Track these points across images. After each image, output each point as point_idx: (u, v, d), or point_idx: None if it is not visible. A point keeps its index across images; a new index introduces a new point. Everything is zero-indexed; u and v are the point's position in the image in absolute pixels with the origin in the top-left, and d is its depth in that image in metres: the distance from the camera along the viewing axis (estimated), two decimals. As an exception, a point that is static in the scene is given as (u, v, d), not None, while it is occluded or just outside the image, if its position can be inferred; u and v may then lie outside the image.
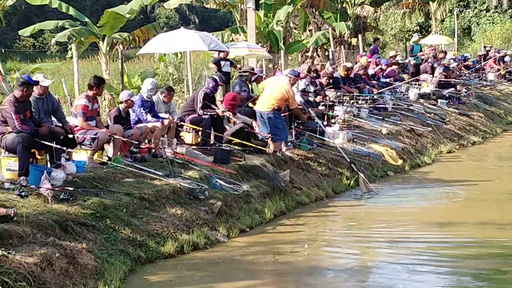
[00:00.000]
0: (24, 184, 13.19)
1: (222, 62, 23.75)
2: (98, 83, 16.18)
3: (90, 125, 15.92)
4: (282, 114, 19.68)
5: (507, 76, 43.82)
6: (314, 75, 25.30)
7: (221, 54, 24.02)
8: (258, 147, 19.17)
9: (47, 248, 11.37)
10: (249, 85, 21.92)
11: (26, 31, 33.21)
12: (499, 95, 38.93)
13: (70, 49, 27.97)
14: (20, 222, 11.71)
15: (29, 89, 14.11)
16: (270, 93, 19.29)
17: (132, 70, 35.09)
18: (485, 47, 48.43)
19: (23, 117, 13.88)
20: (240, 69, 24.85)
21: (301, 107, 21.35)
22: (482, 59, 44.43)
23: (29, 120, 14.08)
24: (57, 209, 12.79)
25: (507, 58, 45.51)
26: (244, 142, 19.00)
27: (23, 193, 12.88)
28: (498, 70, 43.41)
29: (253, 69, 22.75)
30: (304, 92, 22.78)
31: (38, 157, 14.33)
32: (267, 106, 19.26)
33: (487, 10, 62.45)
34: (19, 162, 13.66)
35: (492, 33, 59.56)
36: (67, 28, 31.16)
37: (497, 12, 61.63)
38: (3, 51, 32.37)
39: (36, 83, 14.40)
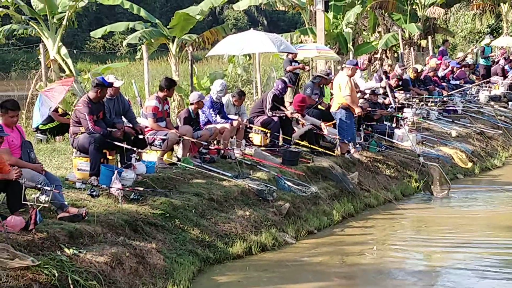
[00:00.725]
0: (95, 184, 13.36)
1: (293, 64, 23.76)
2: (169, 85, 16.29)
3: (160, 126, 16.03)
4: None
5: None
6: (384, 77, 25.17)
7: (290, 56, 24.03)
8: (325, 151, 19.14)
9: (117, 248, 11.50)
10: (321, 89, 21.77)
11: (97, 33, 33.44)
12: None
13: (140, 50, 28.17)
14: (91, 221, 11.86)
15: (103, 91, 14.26)
16: (336, 92, 19.33)
17: (201, 71, 35.23)
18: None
19: (96, 118, 14.03)
20: (308, 70, 24.85)
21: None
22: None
23: (102, 121, 14.22)
24: (127, 209, 12.94)
25: None
26: (311, 146, 18.99)
27: (94, 193, 13.08)
28: None
29: (328, 74, 22.59)
30: (373, 94, 22.71)
31: (109, 157, 14.43)
32: (335, 106, 19.28)
33: (563, 10, 61.48)
34: (91, 162, 13.78)
35: None
36: (137, 30, 31.32)
37: None
38: (74, 52, 32.69)
39: (111, 84, 14.55)
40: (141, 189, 13.56)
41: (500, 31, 55.67)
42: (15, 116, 12.19)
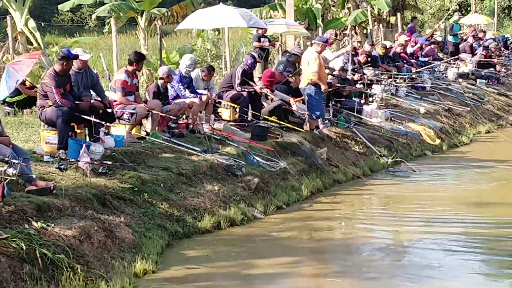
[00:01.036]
0: (63, 158, 13.33)
1: (262, 39, 23.76)
2: (138, 59, 16.25)
3: (129, 100, 16.01)
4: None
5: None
6: (353, 53, 25.24)
7: (260, 31, 24.01)
8: (294, 126, 19.16)
9: (85, 221, 11.51)
10: (295, 66, 21.67)
11: (65, 6, 33.42)
12: (540, 76, 38.64)
13: (109, 23, 28.10)
14: (59, 195, 11.86)
15: (69, 63, 14.21)
16: (304, 68, 19.33)
17: (170, 45, 35.14)
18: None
19: (63, 91, 13.99)
20: (279, 47, 24.88)
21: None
22: (522, 39, 44.20)
23: (69, 94, 14.18)
24: (95, 183, 12.93)
25: (546, 39, 45.29)
26: (280, 121, 19.02)
27: (62, 166, 13.06)
28: (539, 51, 43.14)
29: (302, 52, 22.58)
30: (342, 71, 22.74)
31: (77, 131, 14.41)
32: (304, 82, 19.29)
33: (528, -10, 61.91)
34: (59, 135, 13.75)
35: (534, 13, 59.08)
36: (106, 3, 31.29)
37: (538, -9, 61.06)
38: (42, 25, 32.50)
39: (76, 57, 14.49)
40: (110, 163, 13.54)
41: (469, 8, 55.92)
42: None
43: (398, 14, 41.57)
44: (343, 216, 15.26)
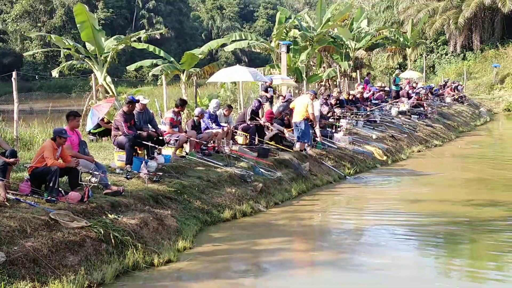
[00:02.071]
0: (129, 170, 13.48)
1: (269, 89, 23.84)
2: (182, 103, 16.53)
3: (174, 130, 16.10)
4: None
5: (459, 99, 43.53)
6: (327, 97, 25.27)
7: (267, 83, 24.10)
8: (287, 148, 19.16)
9: (144, 214, 11.55)
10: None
11: (131, 67, 33.77)
12: (454, 113, 38.59)
13: (161, 78, 28.19)
14: (126, 196, 11.92)
15: (133, 105, 14.33)
16: (300, 109, 19.29)
17: (202, 93, 35.13)
18: (444, 80, 48.13)
19: (129, 124, 14.06)
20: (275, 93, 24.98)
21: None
22: (442, 87, 44.23)
23: (133, 127, 14.25)
24: (151, 187, 12.96)
25: (459, 87, 45.35)
26: (277, 145, 19.02)
27: (128, 176, 13.12)
28: (453, 95, 43.15)
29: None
30: (319, 110, 22.77)
31: (139, 152, 14.47)
32: (299, 117, 19.25)
33: (446, 54, 61.91)
34: (126, 155, 13.86)
35: (449, 70, 59.04)
36: (159, 65, 31.44)
37: (453, 55, 61.09)
38: (115, 79, 32.73)
39: (138, 101, 14.62)
40: (161, 173, 13.64)
41: (406, 66, 55.97)
42: (79, 120, 12.75)
43: (358, 71, 41.72)
44: (320, 209, 15.29)
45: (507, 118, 46.34)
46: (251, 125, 18.91)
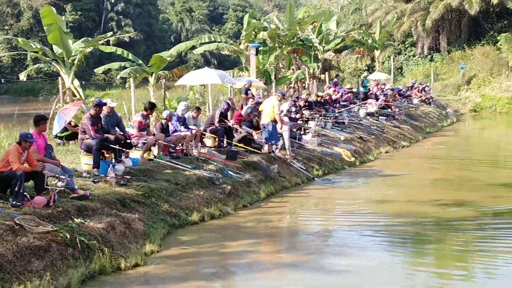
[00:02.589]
0: (96, 174, 13.41)
1: (248, 91, 23.95)
2: (151, 107, 16.52)
3: (142, 134, 16.04)
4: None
5: (426, 101, 43.90)
6: (296, 99, 25.35)
7: (247, 85, 24.30)
8: (255, 150, 19.18)
9: (111, 218, 11.50)
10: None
11: (99, 69, 33.66)
12: (421, 114, 38.93)
13: (129, 81, 28.09)
14: (93, 199, 11.85)
15: (100, 109, 14.24)
16: (268, 110, 19.30)
17: (171, 96, 34.97)
18: (412, 82, 48.55)
19: (96, 128, 13.99)
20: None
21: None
22: (409, 89, 44.57)
23: (101, 130, 14.16)
24: (118, 191, 12.88)
25: (426, 89, 45.73)
26: (246, 147, 19.01)
27: (95, 180, 13.04)
28: (420, 97, 43.50)
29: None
30: (288, 112, 22.83)
31: (106, 155, 14.35)
32: (267, 119, 19.26)
33: (413, 56, 62.40)
34: (93, 159, 13.79)
35: (417, 71, 59.51)
36: (127, 67, 31.30)
37: (420, 57, 61.61)
38: (83, 83, 32.50)
39: (105, 104, 14.55)
40: (128, 177, 13.60)
41: (374, 68, 56.34)
42: (46, 124, 12.68)
43: (326, 73, 41.87)
44: (288, 211, 15.31)
45: (473, 118, 46.89)
46: (220, 128, 18.87)
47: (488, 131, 39.68)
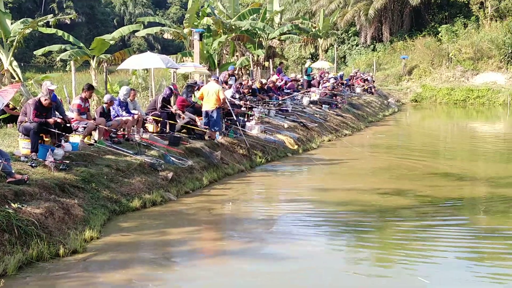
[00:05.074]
0: (34, 158, 13.11)
1: (230, 78, 23.95)
2: (88, 88, 16.01)
3: (82, 118, 15.74)
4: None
5: (368, 90, 44.42)
6: (239, 85, 25.25)
7: (230, 72, 24.31)
8: (201, 129, 19.17)
9: (49, 203, 11.23)
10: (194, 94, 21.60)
11: (39, 51, 32.88)
12: (363, 103, 39.38)
13: (70, 64, 27.57)
14: (31, 184, 11.57)
15: (51, 102, 13.93)
16: (211, 97, 19.17)
17: (113, 80, 34.49)
18: (354, 71, 49.01)
19: (38, 114, 13.61)
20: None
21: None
22: (352, 78, 44.99)
23: (42, 116, 13.78)
24: (57, 176, 12.60)
25: (368, 78, 46.30)
26: (191, 127, 18.91)
27: (33, 164, 12.78)
28: (363, 86, 44.00)
29: (196, 82, 22.67)
30: (232, 98, 22.74)
31: (45, 139, 14.04)
32: (211, 106, 19.15)
33: (357, 45, 63.15)
34: (31, 142, 13.45)
35: (359, 61, 60.28)
36: (68, 50, 30.76)
37: (363, 46, 62.34)
38: (22, 65, 31.83)
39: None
40: (68, 162, 13.31)
41: (318, 57, 56.68)
42: None
43: (270, 60, 41.89)
44: (231, 198, 15.19)
45: (414, 108, 47.71)
46: (162, 113, 18.66)
47: (428, 121, 40.43)
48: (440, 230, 12.40)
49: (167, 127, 18.67)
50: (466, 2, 57.13)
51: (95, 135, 15.95)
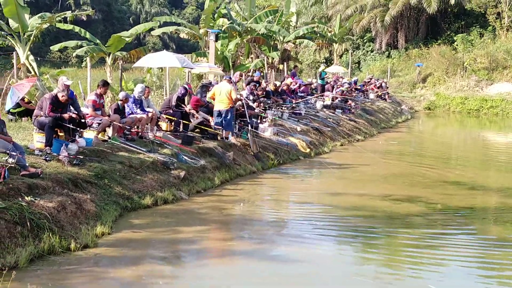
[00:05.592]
0: (48, 152, 13.14)
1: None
2: (103, 84, 16.12)
3: (97, 114, 15.77)
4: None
5: (382, 96, 44.34)
6: (254, 87, 25.25)
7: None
8: (215, 131, 19.20)
9: (62, 197, 11.29)
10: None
11: (55, 47, 33.02)
12: (376, 109, 39.29)
13: (86, 60, 27.70)
14: (44, 178, 11.63)
15: (68, 99, 14.06)
16: (224, 96, 19.20)
17: (127, 78, 34.56)
18: (369, 77, 48.93)
19: (54, 108, 13.69)
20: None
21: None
22: (366, 84, 44.91)
23: (58, 111, 13.85)
24: (71, 171, 12.65)
25: (383, 84, 46.16)
26: (204, 127, 18.95)
27: (47, 158, 12.83)
28: (377, 92, 43.90)
29: (210, 82, 22.74)
30: (246, 99, 22.78)
31: (60, 134, 14.12)
32: (225, 105, 19.19)
33: (371, 51, 63.04)
34: (46, 136, 13.51)
35: (374, 67, 60.16)
36: (84, 46, 30.90)
37: (377, 53, 62.23)
38: (38, 59, 31.94)
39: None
40: (82, 157, 13.39)
41: (332, 61, 56.63)
42: None
43: (285, 63, 41.91)
44: (242, 199, 15.23)
45: (427, 116, 47.56)
46: (176, 112, 18.72)
47: (441, 129, 40.30)
48: (450, 239, 12.35)
49: (181, 126, 18.71)
50: (483, 12, 56.96)
51: (109, 131, 16.00)
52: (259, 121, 23.19)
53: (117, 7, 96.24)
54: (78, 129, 14.34)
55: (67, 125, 13.93)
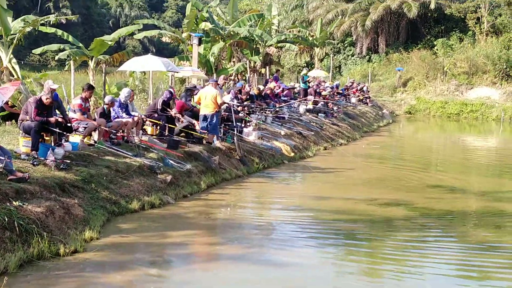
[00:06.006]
0: (35, 157, 13.07)
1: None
2: (88, 88, 16.09)
3: (85, 118, 15.78)
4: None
5: (363, 100, 44.56)
6: (237, 92, 25.26)
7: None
8: (200, 135, 19.14)
9: (50, 202, 11.25)
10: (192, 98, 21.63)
11: (37, 50, 32.89)
12: (358, 113, 39.51)
13: (68, 64, 27.60)
14: (31, 183, 11.59)
15: (52, 102, 13.96)
16: (209, 101, 19.19)
17: (110, 81, 34.47)
18: (350, 81, 49.17)
19: (39, 112, 13.62)
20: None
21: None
22: (348, 88, 45.11)
23: (44, 115, 13.79)
24: (58, 175, 12.61)
25: (364, 88, 46.40)
26: (189, 131, 18.95)
27: (34, 163, 12.76)
28: (358, 96, 44.14)
29: (195, 86, 22.70)
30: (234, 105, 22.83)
31: (46, 138, 14.05)
32: (210, 110, 19.17)
33: (352, 55, 63.38)
34: (32, 141, 13.45)
35: (355, 71, 60.45)
36: (66, 50, 30.79)
37: (358, 57, 62.56)
38: (21, 62, 31.87)
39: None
40: (68, 161, 13.31)
41: (313, 65, 56.81)
42: None
43: (267, 67, 41.99)
44: (229, 203, 15.28)
45: (408, 120, 47.91)
46: (162, 116, 18.68)
47: (421, 133, 40.64)
48: (432, 243, 12.42)
49: (166, 130, 18.68)
50: (463, 17, 57.49)
51: (95, 135, 15.95)
52: (243, 125, 23.22)
53: (97, 10, 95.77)
54: (64, 133, 14.27)
55: (54, 129, 13.86)
